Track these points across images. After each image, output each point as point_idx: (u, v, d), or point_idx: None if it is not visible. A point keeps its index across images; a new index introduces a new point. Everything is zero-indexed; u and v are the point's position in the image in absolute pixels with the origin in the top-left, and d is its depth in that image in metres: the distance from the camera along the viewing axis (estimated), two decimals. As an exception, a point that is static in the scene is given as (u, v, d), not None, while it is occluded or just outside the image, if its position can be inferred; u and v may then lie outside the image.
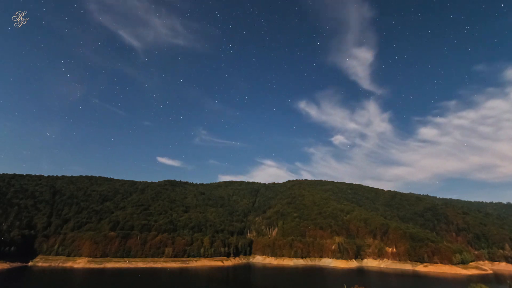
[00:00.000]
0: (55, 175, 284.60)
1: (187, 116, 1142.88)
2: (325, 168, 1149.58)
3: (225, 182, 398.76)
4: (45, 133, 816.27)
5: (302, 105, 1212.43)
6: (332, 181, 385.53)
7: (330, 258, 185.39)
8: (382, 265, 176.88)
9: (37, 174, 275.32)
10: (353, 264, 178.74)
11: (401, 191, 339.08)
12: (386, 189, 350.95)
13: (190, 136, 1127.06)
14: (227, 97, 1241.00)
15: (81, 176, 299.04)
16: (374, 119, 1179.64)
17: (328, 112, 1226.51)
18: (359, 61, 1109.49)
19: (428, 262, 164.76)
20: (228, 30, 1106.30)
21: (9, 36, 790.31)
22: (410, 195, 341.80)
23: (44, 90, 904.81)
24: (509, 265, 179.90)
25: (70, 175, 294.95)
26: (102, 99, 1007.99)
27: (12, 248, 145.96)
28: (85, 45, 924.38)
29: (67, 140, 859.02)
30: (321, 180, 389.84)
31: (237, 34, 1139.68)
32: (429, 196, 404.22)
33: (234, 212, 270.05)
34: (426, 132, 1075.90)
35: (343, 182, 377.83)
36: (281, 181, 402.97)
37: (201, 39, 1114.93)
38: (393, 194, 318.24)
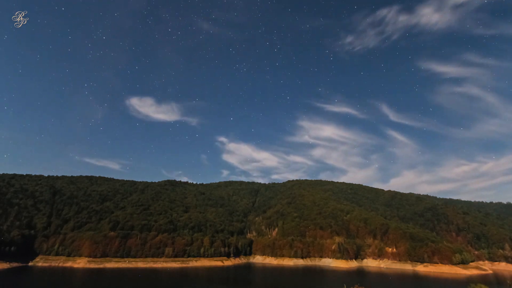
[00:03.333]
0: (55, 175, 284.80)
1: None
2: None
3: (225, 182, 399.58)
4: (68, 154, 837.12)
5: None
6: (332, 181, 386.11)
7: (330, 258, 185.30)
8: (382, 265, 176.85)
9: (37, 174, 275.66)
10: (353, 264, 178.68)
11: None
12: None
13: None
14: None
15: (81, 176, 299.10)
16: None
17: None
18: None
19: (428, 262, 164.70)
20: (241, 50, 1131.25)
21: (38, 64, 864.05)
22: (410, 195, 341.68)
23: (68, 113, 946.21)
24: (509, 265, 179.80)
25: (70, 175, 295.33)
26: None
27: (12, 248, 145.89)
28: (106, 68, 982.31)
29: (89, 161, 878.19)
30: (321, 180, 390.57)
31: (251, 52, 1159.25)
32: (429, 196, 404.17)
33: (234, 212, 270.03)
34: None
35: (343, 182, 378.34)
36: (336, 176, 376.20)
37: (215, 59, 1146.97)
38: (393, 194, 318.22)
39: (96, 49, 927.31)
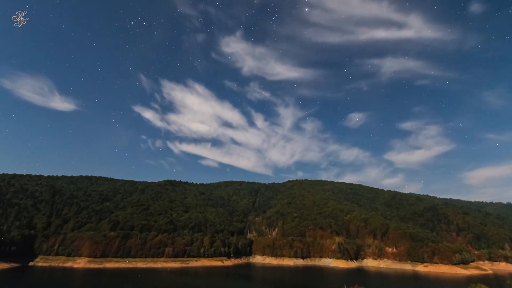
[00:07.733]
0: (55, 175, 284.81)
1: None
2: None
3: (225, 182, 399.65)
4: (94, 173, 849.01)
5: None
6: (332, 181, 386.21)
7: (330, 258, 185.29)
8: (382, 265, 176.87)
9: (37, 174, 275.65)
10: (353, 264, 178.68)
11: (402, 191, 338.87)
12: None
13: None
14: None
15: (81, 176, 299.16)
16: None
17: None
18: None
19: (428, 262, 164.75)
20: (258, 72, 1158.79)
21: (73, 95, 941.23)
22: (410, 195, 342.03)
23: (96, 141, 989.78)
24: (509, 265, 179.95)
25: (70, 175, 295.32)
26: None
27: (12, 248, 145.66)
28: (132, 97, 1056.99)
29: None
30: (321, 180, 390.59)
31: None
32: (429, 196, 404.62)
33: (234, 212, 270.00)
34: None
35: (343, 182, 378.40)
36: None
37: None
38: (393, 194, 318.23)
39: (123, 79, 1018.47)
